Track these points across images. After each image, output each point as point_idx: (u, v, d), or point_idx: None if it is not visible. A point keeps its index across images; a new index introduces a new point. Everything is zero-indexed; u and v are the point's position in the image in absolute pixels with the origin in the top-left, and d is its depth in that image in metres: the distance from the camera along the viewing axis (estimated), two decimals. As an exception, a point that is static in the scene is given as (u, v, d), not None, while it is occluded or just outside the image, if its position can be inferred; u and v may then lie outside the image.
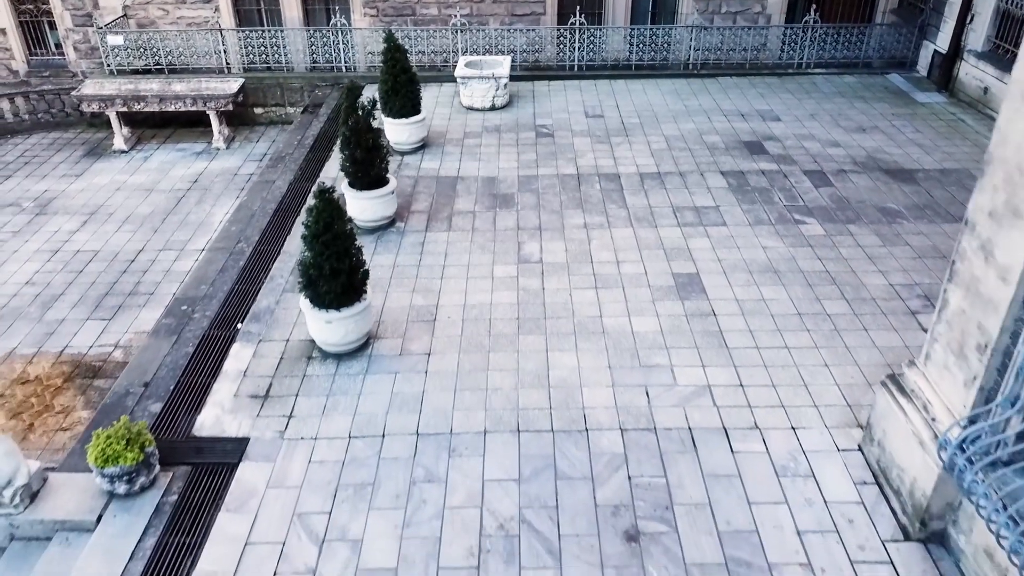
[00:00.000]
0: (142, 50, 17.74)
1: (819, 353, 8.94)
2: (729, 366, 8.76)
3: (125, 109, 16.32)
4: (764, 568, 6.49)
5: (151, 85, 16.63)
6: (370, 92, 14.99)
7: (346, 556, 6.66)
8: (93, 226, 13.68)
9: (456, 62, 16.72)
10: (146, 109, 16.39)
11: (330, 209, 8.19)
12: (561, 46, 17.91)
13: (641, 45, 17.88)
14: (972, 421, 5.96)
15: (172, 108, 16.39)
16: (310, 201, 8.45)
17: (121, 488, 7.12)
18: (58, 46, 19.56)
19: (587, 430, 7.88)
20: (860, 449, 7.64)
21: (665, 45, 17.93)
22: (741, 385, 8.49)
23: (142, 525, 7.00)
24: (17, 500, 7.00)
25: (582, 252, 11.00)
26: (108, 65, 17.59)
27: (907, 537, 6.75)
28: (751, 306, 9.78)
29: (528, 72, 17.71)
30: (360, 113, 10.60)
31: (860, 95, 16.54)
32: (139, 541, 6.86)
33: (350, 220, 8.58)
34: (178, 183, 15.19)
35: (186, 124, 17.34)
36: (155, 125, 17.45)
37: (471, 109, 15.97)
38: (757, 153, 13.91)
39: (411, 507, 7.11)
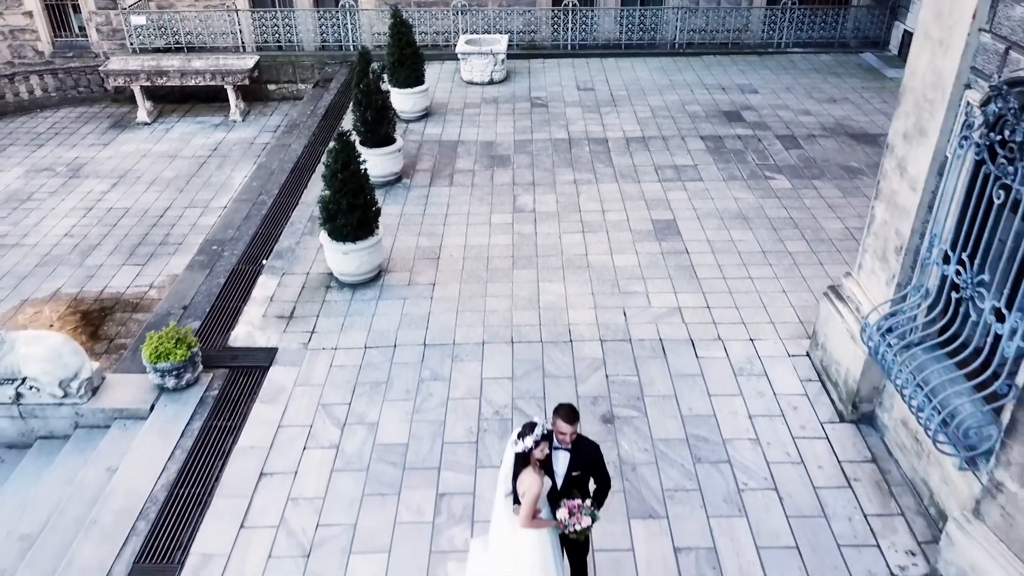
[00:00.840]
0: (162, 30, 18.91)
1: (779, 282, 10.12)
2: (698, 292, 9.95)
3: (148, 83, 17.49)
4: (719, 442, 7.67)
5: (172, 61, 17.81)
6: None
7: (364, 435, 7.84)
8: (123, 187, 14.85)
9: (457, 41, 17.85)
10: (168, 83, 17.56)
11: (348, 151, 9.37)
12: (555, 27, 19.07)
13: (631, 26, 19.04)
14: (892, 315, 7.13)
15: (192, 83, 17.55)
16: (330, 145, 9.60)
17: (170, 382, 8.30)
18: (81, 29, 20.67)
19: (571, 341, 9.06)
20: (808, 355, 8.82)
21: (653, 26, 19.10)
22: (708, 307, 9.67)
23: (189, 412, 8.18)
24: (82, 391, 8.18)
25: (571, 203, 12.18)
26: (131, 44, 18.76)
27: (842, 419, 7.93)
28: (720, 245, 10.96)
29: (524, 51, 18.86)
30: (371, 77, 11.76)
31: (834, 71, 17.71)
32: (187, 424, 8.04)
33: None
34: (199, 151, 16.36)
35: (204, 99, 18.50)
36: (175, 100, 18.61)
37: (471, 83, 17.14)
38: (734, 120, 15.09)
39: (420, 399, 8.29)
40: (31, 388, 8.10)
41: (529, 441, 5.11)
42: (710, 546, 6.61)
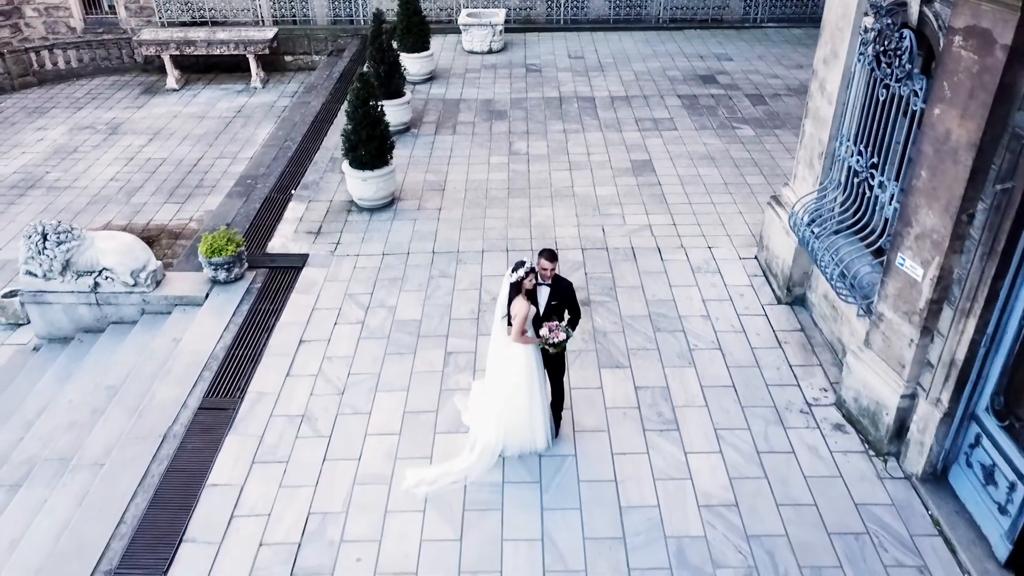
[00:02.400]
0: (188, 5, 20.55)
1: (737, 207, 11.78)
2: (666, 214, 11.61)
3: (178, 52, 19.13)
4: (676, 318, 9.33)
5: (199, 33, 19.45)
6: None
7: (385, 314, 9.50)
8: (158, 142, 16.49)
9: (459, 15, 19.48)
10: (195, 52, 19.20)
11: (367, 89, 11.02)
12: (549, 3, 20.71)
13: (619, 2, 20.69)
14: (816, 209, 8.77)
15: (217, 52, 19.19)
16: (352, 85, 11.24)
17: (221, 275, 9.96)
18: (111, 7, 22.26)
19: (557, 250, 10.70)
20: (756, 258, 10.49)
21: (640, 2, 20.74)
22: (674, 224, 11.34)
23: (238, 299, 9.84)
24: (149, 281, 9.83)
25: (560, 147, 13.84)
26: (160, 17, 20.41)
27: (779, 302, 9.60)
28: (689, 179, 12.62)
29: (520, 25, 20.50)
30: (384, 36, 13.42)
31: (804, 43, 19.35)
32: (237, 307, 9.69)
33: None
34: (224, 112, 18.00)
35: (226, 69, 20.13)
36: (200, 70, 20.25)
37: (471, 52, 18.79)
38: (709, 83, 16.76)
39: (430, 289, 9.95)
40: (107, 278, 9.74)
41: (521, 272, 6.76)
42: (664, 385, 8.26)
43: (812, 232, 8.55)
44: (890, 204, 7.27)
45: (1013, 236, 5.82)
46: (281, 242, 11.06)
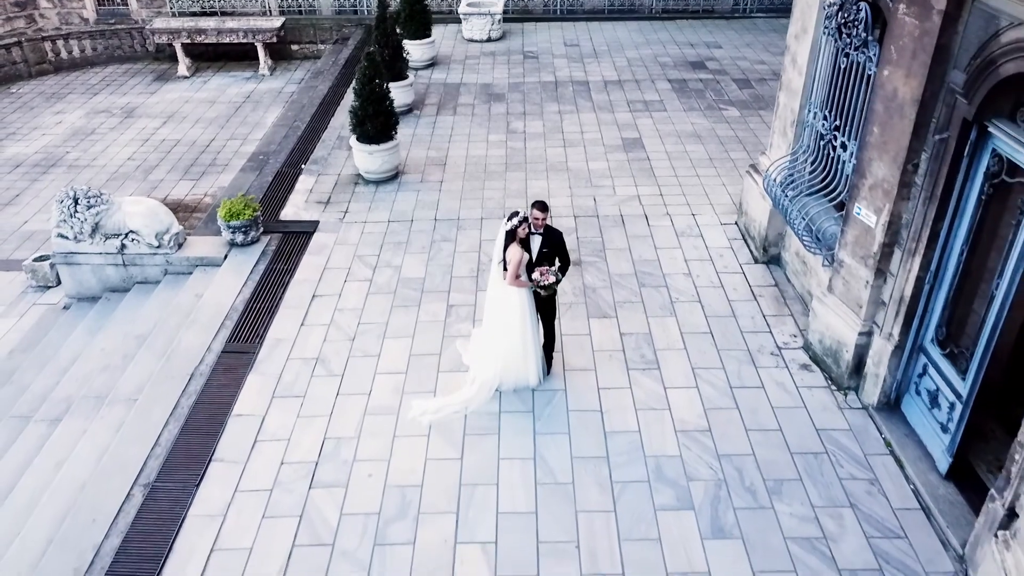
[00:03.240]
0: (198, -4, 21.34)
1: (720, 179, 12.55)
2: (654, 185, 12.38)
3: (189, 41, 19.90)
4: (660, 275, 10.10)
5: (209, 22, 20.23)
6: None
7: (391, 273, 10.27)
8: (172, 125, 17.26)
9: (459, 6, 20.23)
10: (206, 40, 19.97)
11: (374, 67, 11.78)
12: (546, -6, 21.49)
13: (613, -7, 21.46)
14: (790, 174, 9.52)
15: (227, 40, 19.95)
16: (360, 64, 12.01)
17: (239, 238, 10.72)
18: (123, 1, 23.04)
19: (552, 217, 11.46)
20: (736, 223, 11.25)
21: (633, -6, 21.51)
22: (661, 195, 12.11)
23: (254, 260, 10.60)
24: (172, 244, 10.60)
25: (555, 127, 14.61)
26: (171, 7, 21.18)
27: (756, 261, 10.36)
28: (676, 155, 13.39)
29: (519, 15, 21.25)
30: (389, 21, 14.17)
31: (791, 32, 20.08)
32: (254, 266, 10.46)
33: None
34: (234, 98, 18.76)
35: (234, 58, 20.88)
36: (209, 59, 21.00)
37: (471, 40, 19.56)
38: (698, 68, 17.53)
39: (433, 251, 10.72)
40: (133, 240, 10.51)
41: (516, 220, 7.53)
42: (647, 332, 9.04)
43: (784, 193, 9.33)
44: (850, 161, 8.04)
45: (950, 181, 6.59)
46: (293, 211, 11.83)
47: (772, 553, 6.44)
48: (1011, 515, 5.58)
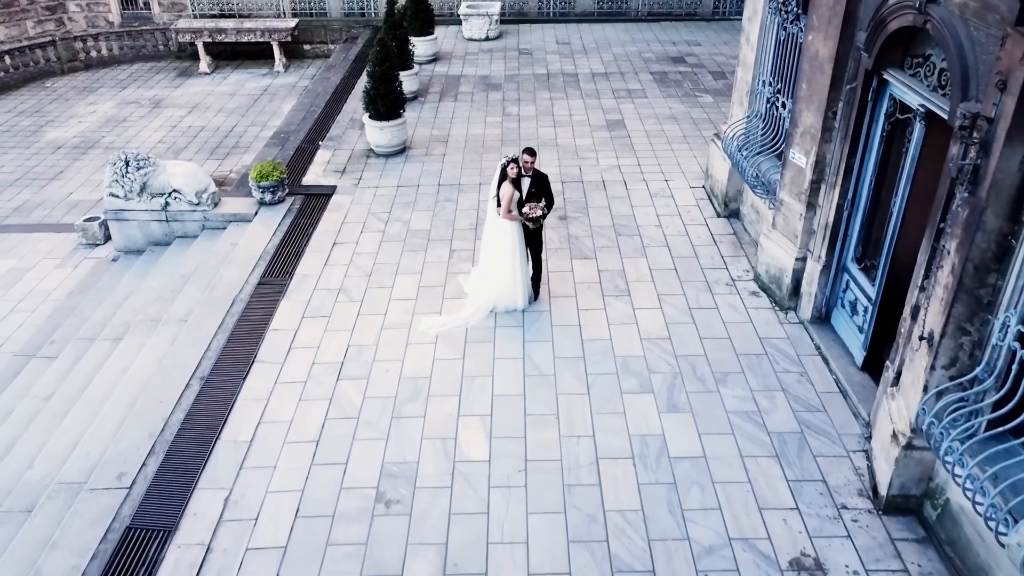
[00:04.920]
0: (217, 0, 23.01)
1: (692, 152, 14.13)
2: (633, 158, 13.95)
3: (210, 40, 21.54)
4: (634, 227, 11.63)
5: (228, 23, 21.89)
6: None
7: (400, 226, 11.80)
8: (196, 114, 18.85)
9: (459, 7, 21.92)
10: (226, 39, 21.60)
11: (385, 50, 13.38)
12: (540, -2, 23.19)
13: (602, -2, 23.16)
14: (744, 136, 11.08)
15: (245, 39, 21.60)
16: (372, 49, 13.61)
17: (268, 197, 12.26)
18: (146, 4, 24.73)
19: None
20: (703, 187, 12.81)
21: (621, -2, 23.21)
22: (638, 164, 13.67)
23: (281, 215, 12.14)
24: (209, 202, 12.14)
25: (546, 110, 16.21)
26: (192, 11, 22.84)
27: (718, 216, 11.91)
28: (654, 133, 14.98)
29: (514, 17, 22.92)
30: (396, 16, 15.79)
31: (766, 32, 21.75)
32: (281, 220, 11.98)
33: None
34: (252, 91, 20.38)
35: (251, 56, 22.51)
36: (227, 57, 22.63)
37: (471, 39, 21.21)
38: (678, 62, 19.17)
39: (437, 209, 12.26)
40: (175, 198, 12.05)
41: (506, 159, 9.08)
42: (620, 269, 10.56)
43: (740, 152, 10.89)
44: (787, 116, 9.61)
45: (858, 123, 8.14)
46: (313, 177, 13.39)
47: (715, 422, 7.94)
48: (897, 377, 7.09)
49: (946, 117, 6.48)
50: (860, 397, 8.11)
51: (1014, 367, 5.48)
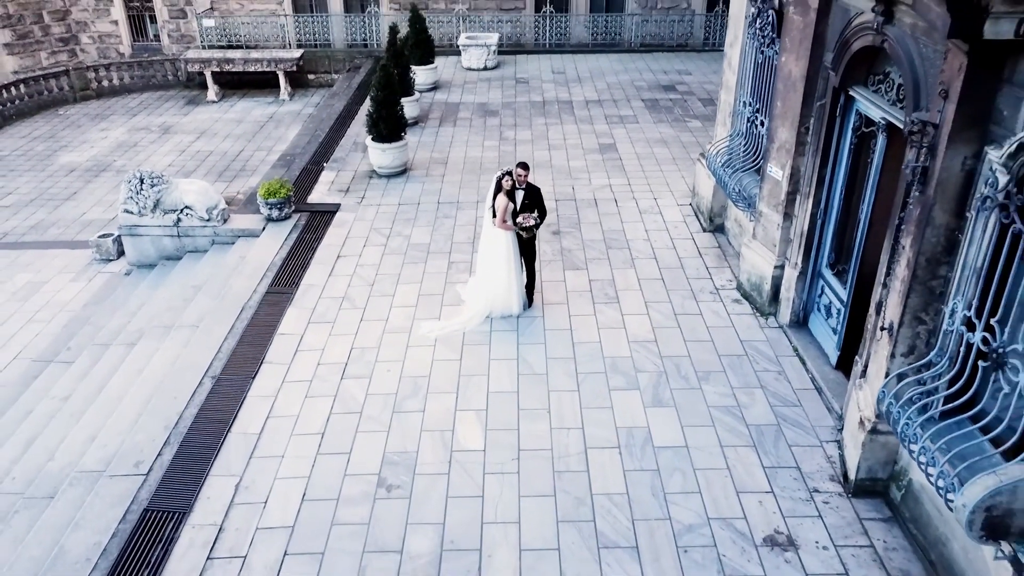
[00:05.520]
0: (225, 32, 23.85)
1: (680, 173, 14.77)
2: (624, 178, 14.59)
3: (218, 69, 22.34)
4: (624, 241, 12.21)
5: (236, 53, 22.72)
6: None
7: (401, 240, 12.38)
8: (204, 139, 19.56)
9: (459, 39, 22.76)
10: (233, 69, 22.42)
11: (388, 76, 14.08)
12: (537, 30, 24.06)
13: (596, 30, 24.03)
14: (727, 155, 11.69)
15: (252, 69, 22.41)
16: (376, 75, 14.31)
17: (275, 213, 12.86)
18: (156, 36, 25.63)
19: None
20: (690, 204, 13.42)
21: (615, 30, 24.08)
22: (629, 184, 14.30)
23: (287, 231, 12.73)
24: (219, 218, 12.74)
25: (542, 135, 16.90)
26: (201, 41, 23.70)
27: (704, 230, 12.50)
28: (644, 155, 15.64)
29: (512, 48, 23.78)
30: (399, 44, 16.55)
31: (754, 62, 22.57)
32: (287, 235, 12.57)
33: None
34: (259, 118, 21.13)
35: (257, 86, 23.33)
36: (234, 86, 23.43)
37: (469, 69, 22.01)
38: (669, 90, 19.93)
39: (436, 225, 12.85)
40: (187, 214, 12.65)
41: (501, 172, 9.69)
42: (610, 279, 11.12)
43: (724, 170, 11.51)
44: (764, 133, 10.25)
45: (828, 136, 8.75)
46: (318, 196, 14.01)
47: (697, 415, 8.45)
48: (864, 369, 7.61)
49: (902, 127, 7.08)
50: (834, 393, 8.62)
51: (962, 350, 6.01)
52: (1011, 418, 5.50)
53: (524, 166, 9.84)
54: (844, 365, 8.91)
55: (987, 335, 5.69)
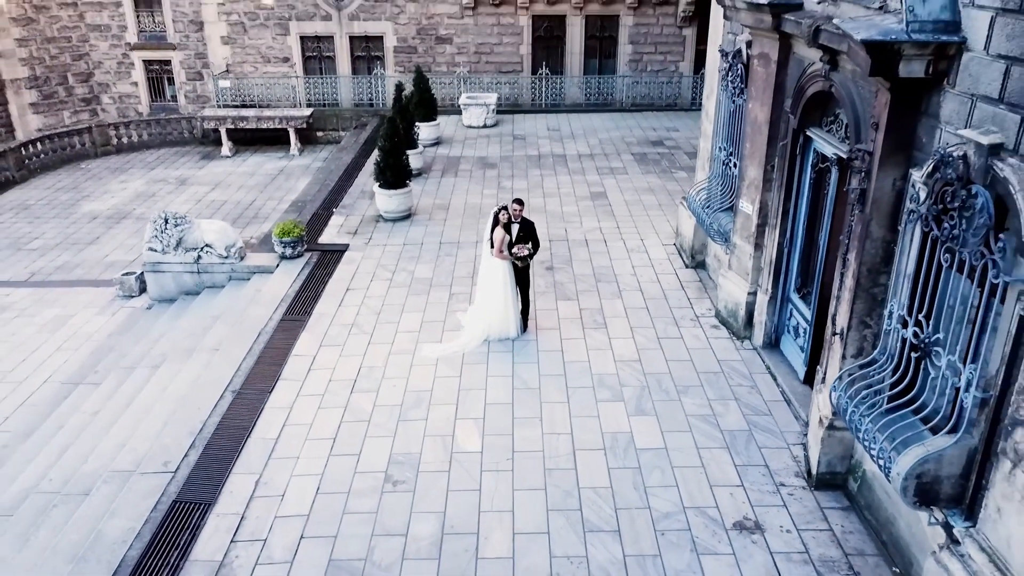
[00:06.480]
0: (239, 91, 25.30)
1: (665, 217, 15.83)
2: (613, 221, 15.65)
3: (233, 126, 23.67)
4: (612, 275, 13.18)
5: (250, 112, 24.09)
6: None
7: (406, 275, 13.35)
8: (219, 190, 20.71)
9: (460, 99, 24.17)
10: (247, 126, 23.74)
11: (394, 128, 15.26)
12: (534, 91, 25.51)
13: (590, 91, 25.49)
14: (706, 196, 12.75)
15: (265, 126, 23.74)
16: (383, 127, 15.50)
17: (288, 251, 13.86)
18: (173, 97, 27.10)
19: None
20: (674, 244, 14.44)
21: (607, 91, 25.54)
22: (618, 227, 15.35)
23: (300, 267, 13.70)
24: (237, 255, 13.73)
25: (537, 184, 18.04)
26: (217, 101, 25.11)
27: (686, 267, 13.48)
28: (633, 202, 16.74)
29: (509, 108, 25.18)
30: (404, 101, 17.83)
31: (738, 120, 23.93)
32: (300, 271, 13.54)
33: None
34: (270, 171, 22.34)
35: (268, 142, 24.64)
36: (247, 142, 24.75)
37: (470, 127, 23.34)
38: (657, 145, 21.20)
39: (438, 262, 13.84)
40: (207, 252, 13.64)
41: (498, 208, 10.72)
42: (599, 308, 12.05)
43: (703, 210, 12.55)
44: (737, 173, 11.32)
45: (791, 173, 9.79)
46: (328, 237, 15.03)
47: (676, 422, 9.27)
48: (824, 376, 8.48)
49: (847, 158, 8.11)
50: (801, 403, 9.46)
51: (899, 346, 6.89)
52: (936, 399, 6.36)
53: (519, 202, 10.87)
54: (811, 379, 9.74)
55: (916, 329, 6.59)
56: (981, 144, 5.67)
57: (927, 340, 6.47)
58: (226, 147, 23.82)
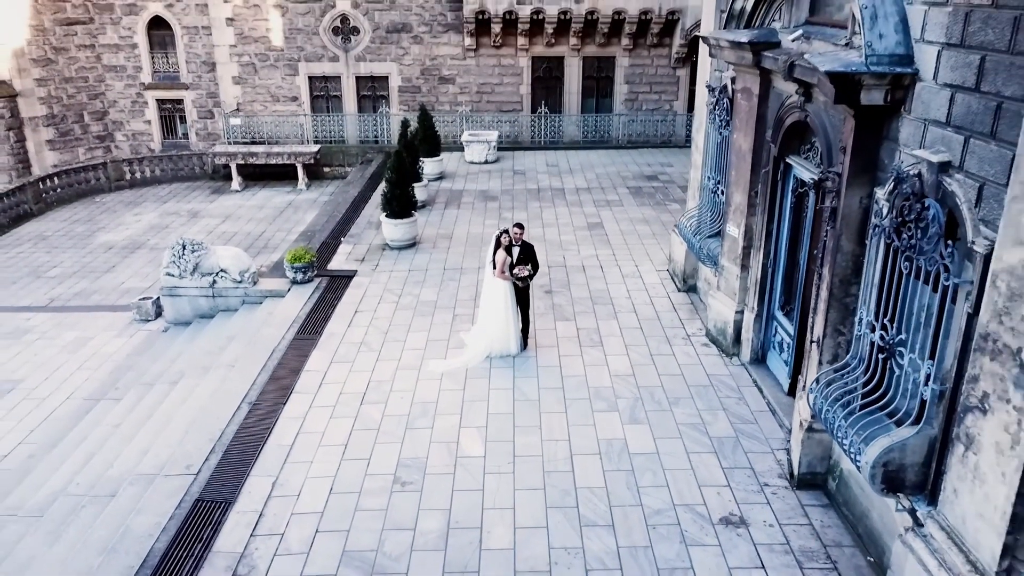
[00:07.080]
0: (248, 129, 26.24)
1: (659, 245, 16.56)
2: (609, 249, 16.37)
3: (243, 162, 24.54)
4: (608, 298, 13.84)
5: (259, 148, 24.98)
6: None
7: (412, 298, 14.02)
8: (230, 222, 21.47)
9: (462, 136, 25.08)
10: (256, 162, 24.61)
11: (400, 161, 16.06)
12: (533, 128, 26.44)
13: (587, 128, 26.43)
14: (696, 223, 13.48)
15: (274, 161, 24.61)
16: (390, 160, 16.30)
17: (299, 276, 14.54)
18: (184, 134, 28.03)
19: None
20: (667, 269, 15.14)
21: (604, 129, 26.48)
22: (613, 255, 16.06)
23: (310, 291, 14.37)
24: (250, 280, 14.41)
25: (537, 216, 18.80)
26: (227, 138, 26.03)
27: (679, 290, 14.15)
28: (628, 231, 17.47)
29: (510, 146, 26.09)
30: (409, 137, 18.68)
31: (731, 156, 24.81)
32: (310, 295, 14.20)
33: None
34: (279, 204, 23.13)
35: (276, 177, 25.49)
36: (256, 177, 25.59)
37: (472, 162, 24.21)
38: (652, 179, 22.02)
39: (443, 286, 14.52)
40: (222, 276, 14.32)
41: (499, 231, 11.42)
42: (595, 327, 12.69)
43: (694, 236, 13.26)
44: (724, 199, 12.05)
45: (773, 198, 10.51)
46: (337, 264, 15.72)
47: (668, 430, 9.86)
48: (804, 384, 9.09)
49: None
50: (785, 413, 10.05)
51: (868, 349, 7.53)
52: (901, 396, 6.98)
53: (520, 226, 11.58)
54: (795, 390, 10.34)
55: (883, 332, 7.23)
56: (932, 162, 6.38)
57: (892, 341, 7.10)
58: (236, 182, 24.65)
